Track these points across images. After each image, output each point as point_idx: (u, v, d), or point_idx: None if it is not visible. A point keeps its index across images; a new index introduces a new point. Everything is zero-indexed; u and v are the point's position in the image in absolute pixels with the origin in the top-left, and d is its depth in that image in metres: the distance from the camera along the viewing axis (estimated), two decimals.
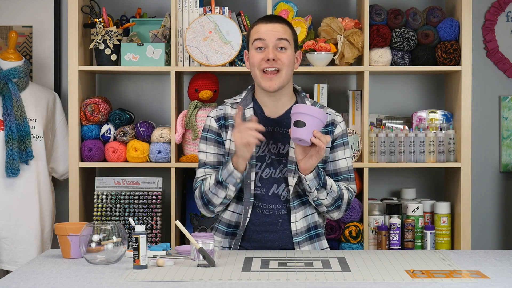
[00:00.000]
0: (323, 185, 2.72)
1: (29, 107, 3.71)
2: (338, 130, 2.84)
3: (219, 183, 2.72)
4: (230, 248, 2.84)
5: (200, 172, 2.84)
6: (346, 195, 2.81)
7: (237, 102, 2.85)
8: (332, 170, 2.84)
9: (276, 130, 2.81)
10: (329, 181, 2.75)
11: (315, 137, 2.60)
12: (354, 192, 2.87)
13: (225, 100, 2.91)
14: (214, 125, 2.84)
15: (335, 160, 2.84)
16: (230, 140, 2.81)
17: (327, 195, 2.75)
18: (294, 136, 2.61)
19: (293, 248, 2.80)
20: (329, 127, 2.84)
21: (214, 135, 2.84)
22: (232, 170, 2.69)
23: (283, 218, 2.80)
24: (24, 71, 3.74)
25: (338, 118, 2.87)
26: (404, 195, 3.92)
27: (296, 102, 2.85)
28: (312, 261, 2.56)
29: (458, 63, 3.71)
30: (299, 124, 2.59)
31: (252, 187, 2.78)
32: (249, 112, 2.82)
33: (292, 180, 2.77)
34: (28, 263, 2.56)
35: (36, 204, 3.70)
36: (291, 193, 2.78)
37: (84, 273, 2.37)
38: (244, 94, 2.87)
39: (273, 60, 2.74)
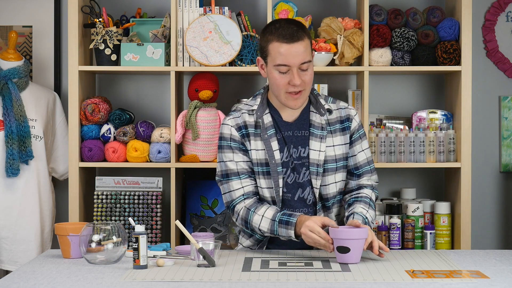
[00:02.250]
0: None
1: (29, 107, 3.71)
2: (354, 124, 2.84)
3: (273, 233, 2.70)
4: (257, 248, 2.84)
5: (236, 184, 2.77)
6: (374, 199, 2.84)
7: (254, 110, 2.79)
8: (353, 165, 2.84)
9: (295, 134, 2.78)
10: (369, 217, 2.75)
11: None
12: (377, 182, 2.89)
13: (239, 106, 2.86)
14: (236, 134, 2.78)
15: (355, 155, 2.83)
16: (254, 149, 2.77)
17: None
18: (341, 261, 2.54)
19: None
20: (345, 123, 2.82)
21: (238, 144, 2.78)
22: (291, 236, 2.65)
23: None
24: (24, 71, 3.74)
25: (352, 111, 2.85)
26: (404, 195, 3.92)
27: (310, 102, 2.83)
28: (312, 261, 2.56)
29: (458, 63, 3.71)
30: (344, 250, 2.51)
31: (281, 193, 2.76)
32: (267, 118, 2.78)
33: (316, 183, 2.76)
34: (28, 263, 2.56)
35: (36, 204, 3.70)
36: (316, 195, 2.77)
37: (84, 273, 2.37)
38: (258, 99, 2.81)
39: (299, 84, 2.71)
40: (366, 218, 2.72)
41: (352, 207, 2.76)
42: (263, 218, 2.69)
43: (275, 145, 2.75)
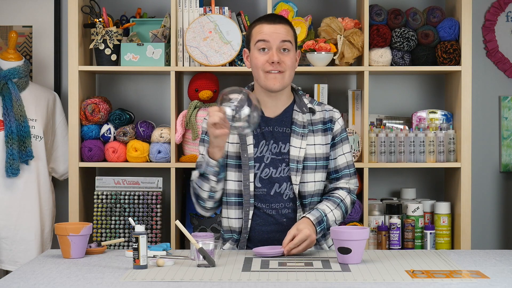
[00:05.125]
0: (328, 229, 2.77)
1: (29, 107, 3.71)
2: (337, 127, 2.87)
3: (201, 176, 2.76)
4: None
5: (195, 174, 2.88)
6: (348, 202, 2.85)
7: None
8: (333, 168, 2.87)
9: (276, 129, 2.82)
10: (331, 217, 2.78)
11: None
12: (356, 186, 2.90)
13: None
14: None
15: (335, 158, 2.87)
16: (228, 142, 2.81)
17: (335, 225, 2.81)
18: (342, 261, 2.53)
19: None
20: (327, 124, 2.85)
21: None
22: (208, 159, 2.72)
23: (288, 217, 2.81)
24: (24, 71, 3.74)
25: (336, 114, 2.89)
26: (404, 195, 3.92)
27: (294, 101, 2.86)
28: (312, 261, 2.56)
29: (458, 63, 3.71)
30: (345, 251, 2.51)
31: (251, 188, 2.78)
32: None
33: (295, 179, 2.78)
34: (28, 263, 2.56)
35: (36, 204, 3.70)
36: (296, 192, 2.79)
37: (84, 273, 2.37)
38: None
39: (278, 63, 2.75)
40: (326, 215, 2.75)
41: (318, 204, 2.81)
42: (194, 171, 2.81)
43: (249, 139, 2.79)
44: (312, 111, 2.85)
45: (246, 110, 2.59)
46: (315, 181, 2.82)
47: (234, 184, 2.81)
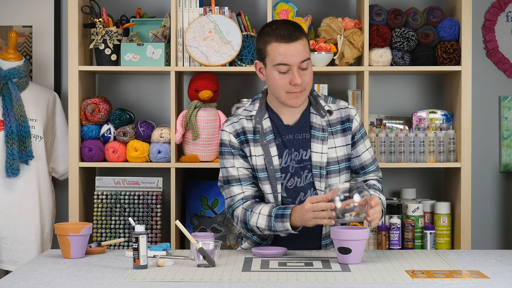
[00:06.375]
0: (382, 212, 2.69)
1: (29, 107, 3.71)
2: (355, 124, 2.80)
3: (270, 229, 2.68)
4: None
5: (237, 190, 2.75)
6: (380, 188, 2.83)
7: (252, 115, 2.77)
8: (358, 165, 2.81)
9: (296, 137, 2.76)
10: (383, 200, 2.76)
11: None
12: (381, 178, 2.87)
13: (238, 112, 2.81)
14: (235, 140, 2.75)
15: (359, 155, 2.81)
16: (256, 156, 2.74)
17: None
18: (342, 261, 2.53)
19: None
20: (345, 124, 2.79)
21: (238, 150, 2.76)
22: (288, 229, 2.64)
23: None
24: (24, 71, 3.74)
25: (352, 111, 2.82)
26: (404, 195, 3.92)
27: (310, 103, 2.81)
28: (312, 261, 2.56)
29: (458, 63, 3.71)
30: (345, 251, 2.50)
31: (279, 199, 2.74)
32: (266, 123, 2.75)
33: (320, 185, 2.74)
34: (28, 263, 2.56)
35: (36, 204, 3.70)
36: None
37: (84, 273, 2.37)
38: (257, 104, 2.78)
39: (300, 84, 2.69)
40: (380, 199, 2.72)
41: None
42: (260, 215, 2.68)
43: (273, 150, 2.73)
44: (329, 112, 2.78)
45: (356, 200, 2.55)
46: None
47: (271, 197, 2.74)
